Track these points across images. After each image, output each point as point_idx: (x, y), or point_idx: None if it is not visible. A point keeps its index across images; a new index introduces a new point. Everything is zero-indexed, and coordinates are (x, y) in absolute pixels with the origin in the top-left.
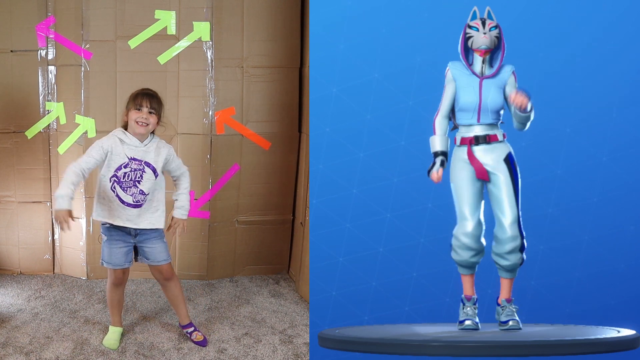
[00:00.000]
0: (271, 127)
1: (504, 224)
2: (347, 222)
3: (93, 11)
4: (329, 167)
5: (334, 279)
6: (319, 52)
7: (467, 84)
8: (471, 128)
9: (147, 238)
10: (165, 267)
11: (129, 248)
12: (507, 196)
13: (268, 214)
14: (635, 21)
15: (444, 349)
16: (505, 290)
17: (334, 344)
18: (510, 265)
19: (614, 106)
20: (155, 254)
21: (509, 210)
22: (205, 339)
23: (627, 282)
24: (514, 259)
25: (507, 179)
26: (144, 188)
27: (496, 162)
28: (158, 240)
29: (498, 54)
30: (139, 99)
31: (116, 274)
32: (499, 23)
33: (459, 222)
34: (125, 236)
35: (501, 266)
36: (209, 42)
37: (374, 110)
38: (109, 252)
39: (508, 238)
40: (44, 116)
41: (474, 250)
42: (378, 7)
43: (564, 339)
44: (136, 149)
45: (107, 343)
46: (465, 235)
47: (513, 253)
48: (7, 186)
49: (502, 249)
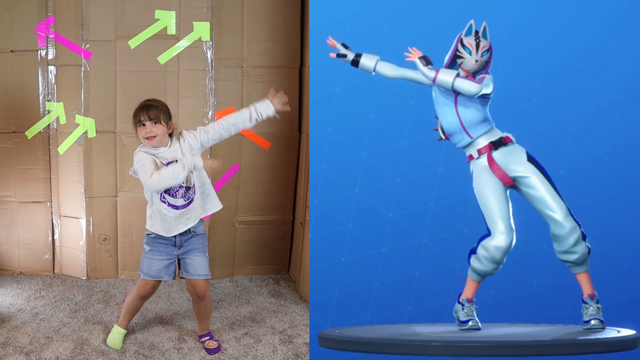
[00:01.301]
0: (271, 127)
1: (558, 220)
2: (350, 222)
3: (93, 11)
4: (331, 167)
5: (336, 279)
6: (320, 52)
7: (444, 102)
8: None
9: (190, 249)
10: (201, 283)
11: (172, 261)
12: (548, 192)
13: (268, 214)
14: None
15: (444, 349)
16: (585, 285)
17: (334, 344)
18: (580, 257)
19: (616, 106)
20: (196, 266)
21: (556, 205)
22: (218, 347)
23: (630, 282)
24: (581, 249)
25: (540, 176)
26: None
27: (522, 165)
28: (200, 254)
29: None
30: (138, 115)
31: (146, 286)
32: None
33: (493, 235)
34: (169, 247)
35: (571, 262)
36: (209, 42)
37: (376, 110)
38: (149, 263)
39: (568, 232)
40: (44, 116)
41: (499, 264)
42: (380, 6)
43: (564, 339)
44: (165, 153)
45: (111, 343)
46: (498, 250)
47: (578, 244)
48: (7, 186)
49: (566, 244)
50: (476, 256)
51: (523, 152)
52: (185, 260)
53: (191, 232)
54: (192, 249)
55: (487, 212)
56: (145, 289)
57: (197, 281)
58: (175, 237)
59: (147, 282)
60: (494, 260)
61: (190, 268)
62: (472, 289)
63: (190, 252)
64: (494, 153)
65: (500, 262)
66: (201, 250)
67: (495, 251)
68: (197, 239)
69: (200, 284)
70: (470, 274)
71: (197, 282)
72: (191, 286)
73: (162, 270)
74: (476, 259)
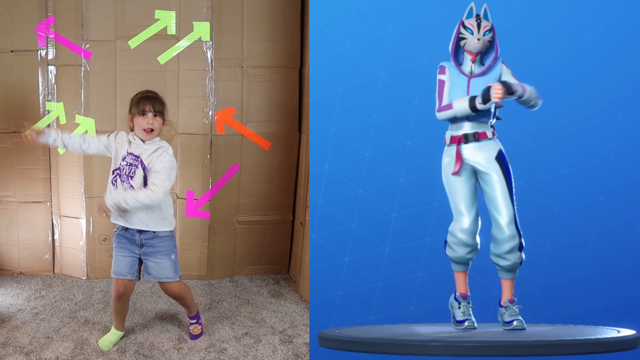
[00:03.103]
0: (271, 127)
1: (500, 224)
2: (353, 222)
3: (93, 11)
4: (334, 167)
5: (339, 278)
6: (322, 51)
7: (456, 82)
8: (461, 125)
9: (152, 252)
10: (168, 285)
11: (134, 259)
12: (502, 195)
13: (268, 214)
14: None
15: (444, 349)
16: (507, 291)
17: (334, 344)
18: (510, 265)
19: (620, 105)
20: (159, 270)
21: (504, 210)
22: (200, 334)
23: (632, 282)
24: (514, 258)
25: (500, 177)
26: (135, 185)
27: (488, 161)
28: (164, 257)
29: (490, 54)
30: (141, 103)
31: (117, 285)
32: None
33: (455, 218)
34: (131, 245)
35: (501, 267)
36: (209, 42)
37: (379, 109)
38: (115, 260)
39: (506, 238)
40: (44, 116)
41: (469, 247)
42: (383, 6)
43: (564, 339)
44: (136, 146)
45: (101, 343)
46: (462, 232)
47: (512, 252)
48: (7, 186)
49: (501, 249)
50: (447, 244)
51: (495, 150)
52: (148, 263)
53: (152, 233)
54: (153, 251)
55: (451, 197)
56: (117, 289)
57: (165, 284)
58: (137, 234)
59: (117, 281)
60: (463, 244)
61: (153, 271)
62: (461, 282)
63: (153, 255)
64: (462, 146)
65: (469, 244)
66: (164, 253)
67: (460, 233)
68: (159, 241)
69: (168, 286)
70: (452, 266)
71: (165, 285)
72: (163, 288)
73: (126, 268)
74: (448, 247)
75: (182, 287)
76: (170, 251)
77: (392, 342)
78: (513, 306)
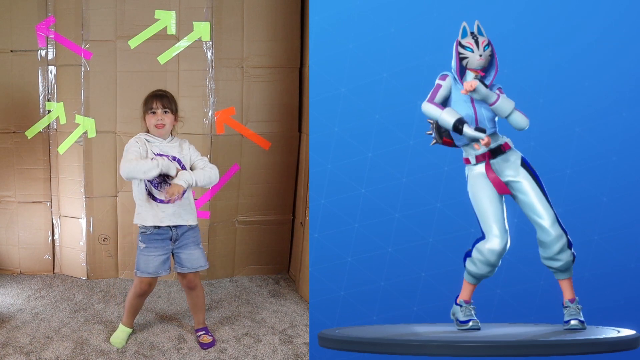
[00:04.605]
0: (271, 127)
1: (545, 227)
2: (356, 222)
3: (93, 11)
4: (337, 167)
5: (342, 278)
6: (324, 51)
7: (460, 98)
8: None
9: (186, 244)
10: (195, 276)
11: (167, 255)
12: (538, 198)
13: (268, 214)
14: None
15: (444, 349)
16: (567, 291)
17: (334, 344)
18: (564, 265)
19: (623, 105)
20: (193, 260)
21: (545, 212)
22: (212, 343)
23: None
24: (565, 257)
25: (531, 181)
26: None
27: (515, 170)
28: (196, 247)
29: (491, 71)
30: (150, 102)
31: (142, 284)
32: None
33: (488, 238)
34: (165, 242)
35: (555, 268)
36: (209, 42)
37: (382, 109)
38: (146, 260)
39: (554, 239)
40: (44, 116)
41: (493, 267)
42: (386, 5)
43: (564, 339)
44: (161, 145)
45: (114, 341)
46: (492, 253)
47: (562, 252)
48: (7, 186)
49: (551, 251)
50: (471, 259)
51: (518, 157)
52: (181, 255)
53: (188, 226)
54: (187, 243)
55: (482, 216)
56: (142, 287)
57: (193, 275)
58: (172, 230)
59: (143, 279)
60: (489, 263)
61: (187, 262)
62: (469, 292)
63: (186, 247)
64: (491, 161)
65: (495, 265)
66: (195, 244)
67: (490, 254)
68: (191, 232)
69: (190, 276)
70: (466, 277)
71: (194, 276)
72: (182, 277)
73: (160, 267)
74: (471, 262)
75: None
76: (200, 241)
77: (392, 342)
78: (574, 305)
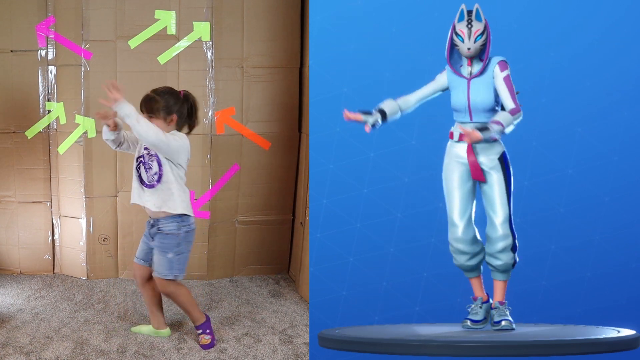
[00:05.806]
0: (271, 127)
1: (495, 222)
2: (358, 222)
3: (93, 11)
4: (339, 167)
5: (344, 279)
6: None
7: (457, 85)
8: (466, 126)
9: (155, 245)
10: (158, 281)
11: (149, 247)
12: (499, 195)
13: (268, 214)
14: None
15: (444, 349)
16: (498, 293)
17: (334, 344)
18: (503, 265)
19: (625, 104)
20: (155, 261)
21: (500, 209)
22: (211, 344)
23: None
24: (506, 258)
25: (500, 177)
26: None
27: (492, 161)
28: (160, 252)
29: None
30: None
31: (133, 266)
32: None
33: (450, 228)
34: (147, 234)
35: (494, 267)
36: (209, 42)
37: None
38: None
39: (499, 237)
40: (44, 116)
41: (468, 254)
42: (387, 5)
43: (564, 339)
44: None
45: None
46: (457, 241)
47: (504, 252)
48: (7, 186)
49: (494, 248)
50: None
51: (499, 151)
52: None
53: (156, 228)
54: (157, 245)
55: (447, 203)
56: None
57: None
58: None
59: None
60: (460, 252)
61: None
62: (475, 286)
63: (156, 248)
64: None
65: (466, 251)
66: (161, 249)
67: (455, 242)
68: (160, 237)
69: (158, 281)
70: (464, 273)
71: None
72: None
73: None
74: (453, 257)
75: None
76: (168, 249)
77: (392, 342)
78: (503, 307)
